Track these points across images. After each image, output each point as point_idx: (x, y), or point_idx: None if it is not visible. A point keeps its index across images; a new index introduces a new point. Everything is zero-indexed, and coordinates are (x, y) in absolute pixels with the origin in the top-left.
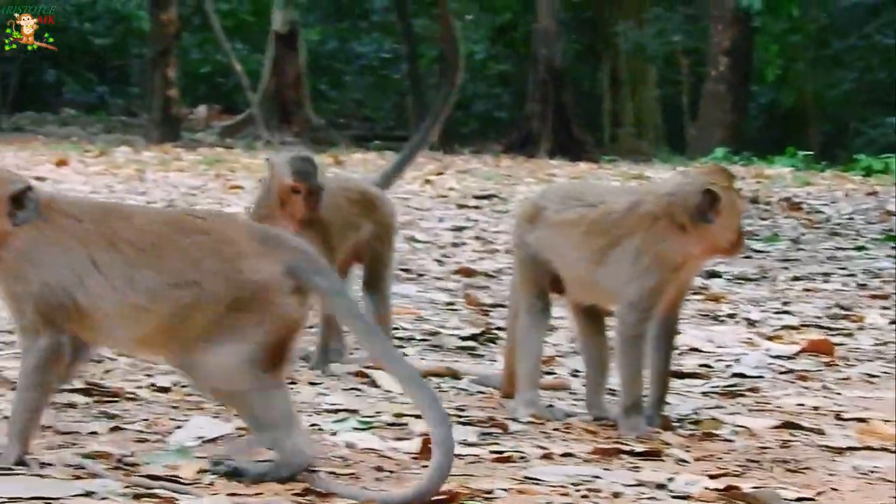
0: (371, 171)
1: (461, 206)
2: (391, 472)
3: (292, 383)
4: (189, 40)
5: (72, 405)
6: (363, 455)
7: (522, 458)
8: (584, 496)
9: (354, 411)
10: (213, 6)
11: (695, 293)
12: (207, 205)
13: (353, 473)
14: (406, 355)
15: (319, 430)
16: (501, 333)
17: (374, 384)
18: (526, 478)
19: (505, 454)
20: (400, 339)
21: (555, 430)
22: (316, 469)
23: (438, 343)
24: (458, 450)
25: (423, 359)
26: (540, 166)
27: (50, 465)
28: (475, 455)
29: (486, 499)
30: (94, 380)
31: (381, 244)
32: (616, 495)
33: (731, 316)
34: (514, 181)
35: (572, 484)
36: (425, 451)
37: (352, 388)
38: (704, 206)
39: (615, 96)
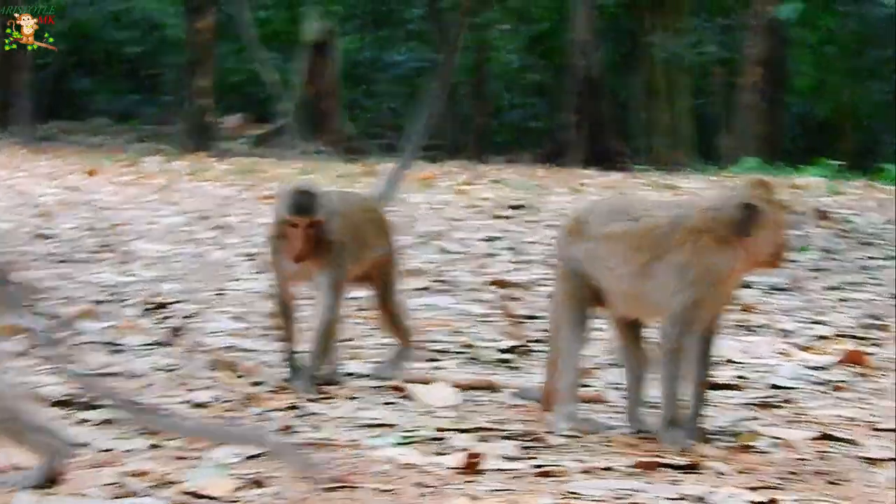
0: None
1: (495, 217)
2: (433, 487)
3: (329, 398)
4: (223, 49)
5: (109, 422)
6: (404, 471)
7: (563, 472)
8: None
9: (393, 426)
10: (248, 15)
11: None
12: (241, 215)
13: (394, 489)
14: (443, 368)
15: (359, 445)
16: (538, 346)
17: (411, 398)
18: (568, 492)
19: (546, 468)
20: (436, 351)
21: (595, 443)
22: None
23: (475, 356)
24: (500, 464)
25: (459, 371)
26: (573, 176)
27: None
28: (516, 469)
29: None
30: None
31: (391, 265)
32: None
33: (764, 326)
34: (547, 191)
35: (614, 498)
36: (468, 466)
37: (390, 403)
38: (745, 219)
39: (650, 106)
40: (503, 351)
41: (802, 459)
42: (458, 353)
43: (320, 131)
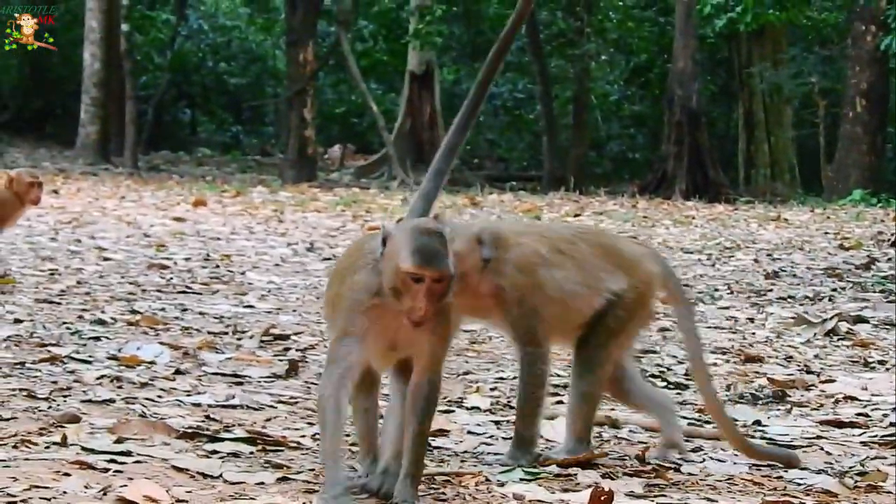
0: (506, 212)
1: None
2: None
3: (441, 431)
4: (324, 80)
5: (237, 454)
6: None
7: None
8: None
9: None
10: (349, 46)
11: (842, 338)
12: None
13: None
14: (564, 403)
15: (486, 480)
16: (657, 382)
17: None
18: None
19: None
20: (555, 386)
21: (718, 481)
22: None
23: None
24: (628, 502)
25: None
26: (677, 208)
27: None
28: None
29: None
30: (257, 428)
31: None
32: None
33: (881, 363)
34: (651, 223)
35: None
36: (594, 503)
37: (511, 438)
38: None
39: (750, 137)
40: None
41: None
42: None
43: (422, 162)
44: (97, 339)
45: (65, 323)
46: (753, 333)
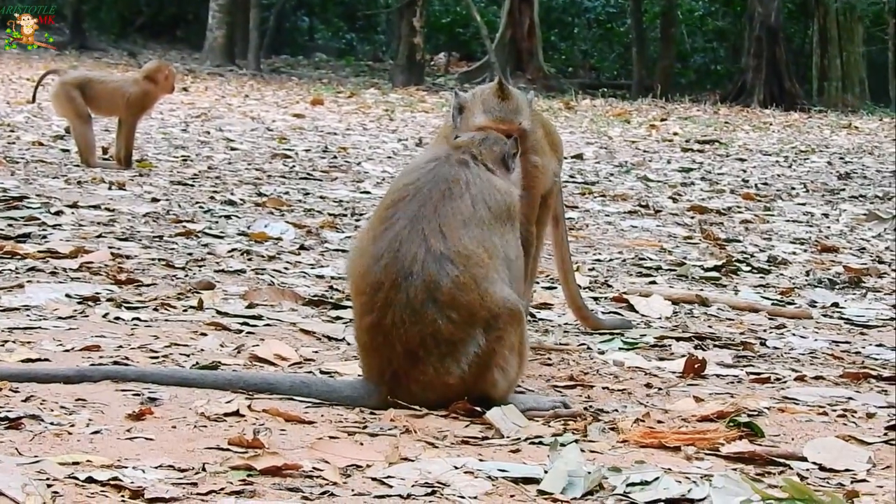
0: (598, 115)
1: (685, 150)
2: (660, 388)
3: (546, 305)
4: None
5: None
6: (632, 373)
7: (778, 379)
8: (841, 415)
9: (618, 333)
10: None
11: None
12: None
13: (625, 389)
14: (657, 283)
15: (588, 349)
16: (742, 266)
17: (632, 309)
18: (785, 397)
19: (762, 375)
20: (648, 268)
21: (801, 355)
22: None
23: (684, 273)
24: (718, 370)
25: (671, 286)
26: (755, 115)
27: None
28: (734, 375)
29: (752, 415)
30: None
31: None
32: (870, 416)
33: None
34: (732, 128)
35: (828, 404)
36: (688, 370)
37: (611, 313)
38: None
39: (824, 52)
40: (709, 269)
41: None
42: (668, 270)
43: (521, 70)
44: (228, 217)
45: (197, 203)
46: (829, 227)
